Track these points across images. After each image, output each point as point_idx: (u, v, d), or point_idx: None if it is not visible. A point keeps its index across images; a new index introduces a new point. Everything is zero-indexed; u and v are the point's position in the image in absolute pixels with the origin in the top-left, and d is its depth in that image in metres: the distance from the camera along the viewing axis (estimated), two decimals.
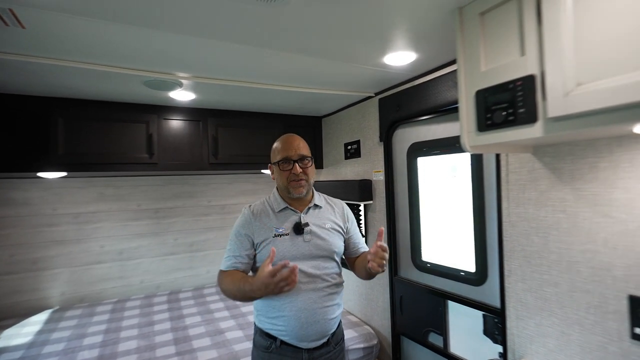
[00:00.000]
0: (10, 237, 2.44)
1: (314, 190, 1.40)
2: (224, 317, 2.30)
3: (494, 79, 0.93)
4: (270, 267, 1.06)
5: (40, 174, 2.05)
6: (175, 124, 2.21)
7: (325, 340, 1.28)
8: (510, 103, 0.89)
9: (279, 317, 1.23)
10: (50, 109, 1.87)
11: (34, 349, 1.94)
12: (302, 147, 1.31)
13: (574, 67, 0.75)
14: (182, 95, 1.93)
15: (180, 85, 1.74)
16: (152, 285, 2.89)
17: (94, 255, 2.70)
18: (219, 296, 2.74)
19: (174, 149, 2.20)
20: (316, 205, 1.36)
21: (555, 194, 1.11)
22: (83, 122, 1.95)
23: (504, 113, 0.90)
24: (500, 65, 0.92)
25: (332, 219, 1.37)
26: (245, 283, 1.15)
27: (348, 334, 2.00)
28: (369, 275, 1.32)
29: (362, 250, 1.46)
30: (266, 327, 1.27)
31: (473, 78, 0.99)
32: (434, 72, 1.63)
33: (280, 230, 1.26)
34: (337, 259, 1.34)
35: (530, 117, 0.84)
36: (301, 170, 1.27)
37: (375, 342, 2.00)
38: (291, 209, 1.31)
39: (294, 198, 1.31)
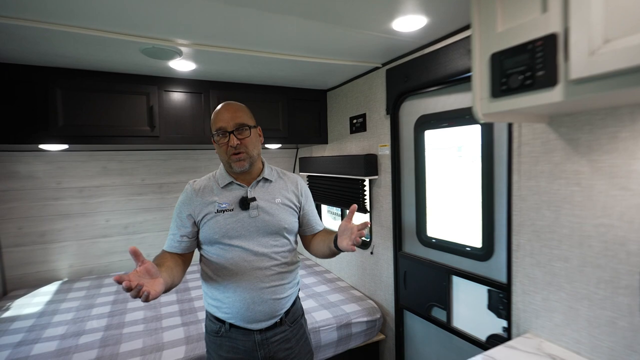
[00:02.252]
0: (17, 210, 2.46)
1: (265, 163, 1.29)
2: None
3: (512, 40, 0.86)
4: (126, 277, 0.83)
5: (41, 146, 2.03)
6: (177, 96, 2.16)
7: (277, 320, 1.22)
8: (528, 66, 0.82)
9: (225, 300, 1.17)
10: (48, 79, 1.82)
11: (44, 318, 1.99)
12: (240, 115, 1.17)
13: (602, 21, 0.68)
14: (182, 65, 1.87)
15: (179, 53, 1.67)
16: None
17: (99, 229, 2.73)
18: None
19: (175, 121, 2.15)
20: (265, 179, 1.26)
21: (570, 166, 1.06)
22: (82, 93, 1.90)
23: (521, 77, 0.84)
24: (518, 24, 0.85)
25: (283, 193, 1.27)
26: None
27: (352, 307, 2.01)
28: (331, 254, 1.23)
29: (319, 228, 1.37)
30: (213, 310, 1.21)
31: (488, 40, 0.92)
32: (445, 39, 1.54)
33: (224, 205, 1.17)
34: (290, 236, 1.26)
35: (549, 80, 0.78)
36: (238, 142, 1.14)
37: (378, 315, 2.02)
38: (237, 183, 1.22)
39: (240, 172, 1.21)
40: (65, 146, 2.09)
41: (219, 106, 1.21)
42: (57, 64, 1.81)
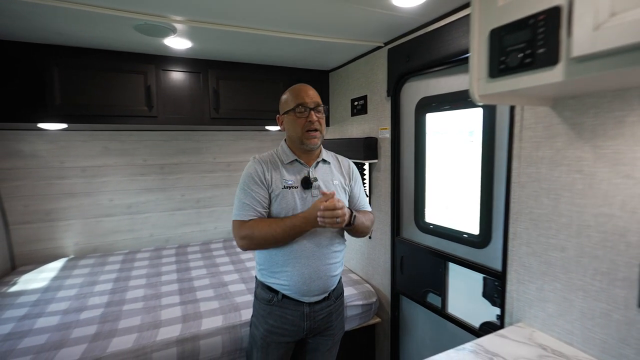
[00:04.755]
0: (22, 188, 2.50)
1: (322, 146, 1.35)
2: (229, 271, 2.36)
3: (513, 15, 0.79)
4: (325, 203, 1.10)
5: (40, 125, 2.04)
6: (175, 75, 2.12)
7: (326, 295, 1.30)
8: (529, 42, 0.76)
9: (283, 272, 1.23)
10: (44, 57, 1.81)
11: (48, 293, 2.05)
12: (317, 95, 1.26)
13: None
14: (178, 43, 1.82)
15: (173, 30, 1.62)
16: (162, 239, 2.98)
17: (103, 208, 2.77)
18: (225, 251, 2.81)
19: (173, 101, 2.13)
20: (324, 161, 1.32)
21: (572, 152, 1.00)
22: (79, 72, 1.88)
23: (521, 55, 0.78)
24: None
25: (338, 176, 1.34)
26: (295, 219, 1.16)
27: (348, 291, 2.02)
28: (357, 233, 1.34)
29: (363, 208, 1.44)
30: (269, 281, 1.28)
31: (488, 14, 0.85)
32: (447, 16, 1.46)
33: (290, 182, 1.23)
34: None
35: (550, 58, 0.72)
36: (317, 119, 1.21)
37: (374, 299, 2.02)
38: (300, 162, 1.27)
39: (305, 151, 1.26)
40: (64, 125, 2.09)
41: (296, 85, 1.28)
42: (53, 41, 1.79)
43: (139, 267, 2.47)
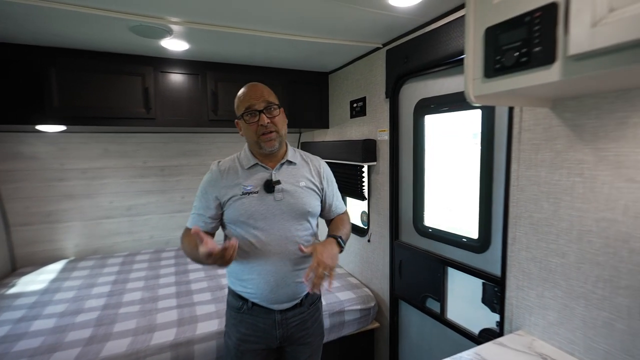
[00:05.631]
0: (23, 190, 2.51)
1: (288, 145, 1.28)
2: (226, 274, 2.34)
3: (508, 12, 0.77)
4: (207, 247, 0.95)
5: (38, 127, 2.04)
6: (173, 77, 2.11)
7: (297, 302, 1.24)
8: (524, 41, 0.73)
9: (249, 280, 1.19)
10: (41, 59, 1.80)
11: (46, 295, 2.04)
12: (267, 93, 1.17)
13: None
14: (175, 45, 1.81)
15: (169, 32, 1.61)
16: (162, 241, 2.97)
17: (103, 210, 2.77)
18: None
19: (171, 103, 2.12)
20: (290, 162, 1.24)
21: (572, 155, 0.97)
22: (76, 74, 1.88)
23: (517, 54, 0.75)
24: None
25: (307, 176, 1.26)
26: (196, 247, 1.08)
27: (346, 295, 1.99)
28: None
29: (339, 211, 1.38)
30: (237, 289, 1.24)
31: (483, 13, 0.82)
32: (445, 16, 1.44)
33: (249, 188, 1.17)
34: (312, 220, 1.26)
35: (547, 57, 0.69)
36: (269, 120, 1.13)
37: (372, 304, 1.99)
38: (262, 166, 1.20)
39: (265, 154, 1.20)
40: (62, 127, 2.09)
41: (244, 87, 1.20)
42: (50, 43, 1.78)
43: (137, 270, 2.46)
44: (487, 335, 1.35)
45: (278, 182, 1.18)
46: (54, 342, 1.55)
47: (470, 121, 1.48)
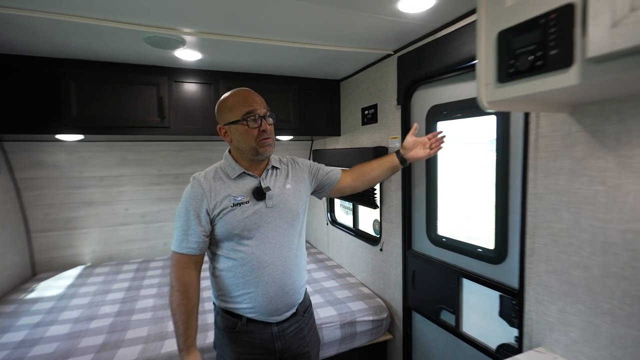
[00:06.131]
0: (44, 197, 2.59)
1: None
2: None
3: (522, 15, 0.74)
4: None
5: (57, 137, 2.11)
6: (186, 87, 2.15)
7: (293, 311, 1.21)
8: (539, 44, 0.70)
9: (245, 295, 1.13)
10: (62, 71, 1.87)
11: (63, 301, 2.09)
12: (264, 101, 1.18)
13: None
14: (188, 55, 1.85)
15: (182, 42, 1.64)
16: None
17: (119, 217, 2.83)
18: None
19: (185, 112, 2.15)
20: (274, 167, 1.24)
21: (593, 162, 0.92)
22: (94, 84, 1.94)
23: (531, 57, 0.72)
24: None
25: (290, 177, 1.26)
26: (181, 334, 1.10)
27: (358, 305, 1.95)
28: (390, 172, 1.47)
29: (339, 173, 1.42)
30: (230, 307, 1.17)
31: (496, 16, 0.80)
32: (457, 22, 1.41)
33: (239, 198, 1.12)
34: (303, 220, 1.26)
35: (564, 60, 0.66)
36: (269, 128, 1.14)
37: (385, 315, 1.94)
38: (249, 174, 1.17)
39: (255, 161, 1.17)
40: (80, 136, 2.15)
41: (238, 91, 1.17)
42: (70, 56, 1.85)
43: (151, 277, 2.48)
44: (505, 351, 1.29)
45: (268, 189, 1.16)
46: (68, 348, 1.57)
47: (484, 127, 1.44)
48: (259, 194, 1.14)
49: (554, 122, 1.02)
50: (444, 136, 1.41)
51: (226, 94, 1.18)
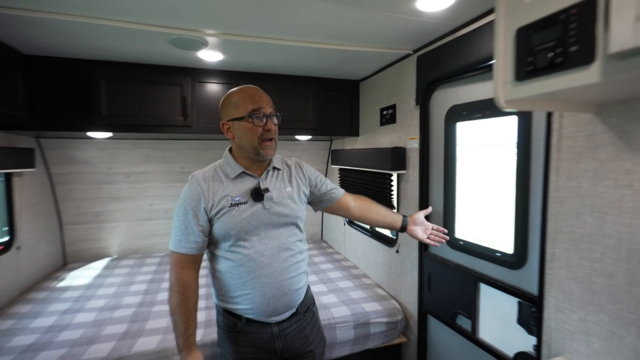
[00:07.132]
0: (75, 192, 2.74)
1: None
2: None
3: (542, 11, 0.72)
4: None
5: (89, 134, 2.22)
6: (209, 87, 2.22)
7: (293, 311, 1.20)
8: (559, 40, 0.68)
9: (242, 296, 1.12)
10: (93, 71, 1.97)
11: (90, 290, 2.20)
12: (270, 100, 1.14)
13: None
14: (210, 56, 1.90)
15: (205, 44, 1.70)
16: None
17: (144, 212, 2.94)
18: None
19: (207, 111, 2.22)
20: (275, 168, 1.21)
21: (619, 165, 0.88)
22: (122, 84, 2.03)
23: (551, 54, 0.69)
24: None
25: (292, 181, 1.23)
26: (181, 334, 1.08)
27: (372, 306, 1.93)
28: (387, 227, 1.44)
29: (340, 193, 1.38)
30: (229, 307, 1.16)
31: (514, 12, 0.78)
32: (477, 20, 1.38)
33: (237, 198, 1.09)
34: (302, 224, 1.23)
35: (585, 57, 0.64)
36: (274, 128, 1.12)
37: (399, 317, 1.91)
38: (248, 174, 1.14)
39: (255, 161, 1.14)
40: (109, 134, 2.26)
41: (245, 88, 1.14)
42: (101, 57, 1.95)
43: None
44: None
45: (267, 190, 1.13)
46: (92, 334, 1.65)
47: (505, 128, 1.40)
48: (257, 194, 1.11)
49: (578, 123, 0.98)
50: (446, 238, 1.38)
51: (231, 90, 1.16)
